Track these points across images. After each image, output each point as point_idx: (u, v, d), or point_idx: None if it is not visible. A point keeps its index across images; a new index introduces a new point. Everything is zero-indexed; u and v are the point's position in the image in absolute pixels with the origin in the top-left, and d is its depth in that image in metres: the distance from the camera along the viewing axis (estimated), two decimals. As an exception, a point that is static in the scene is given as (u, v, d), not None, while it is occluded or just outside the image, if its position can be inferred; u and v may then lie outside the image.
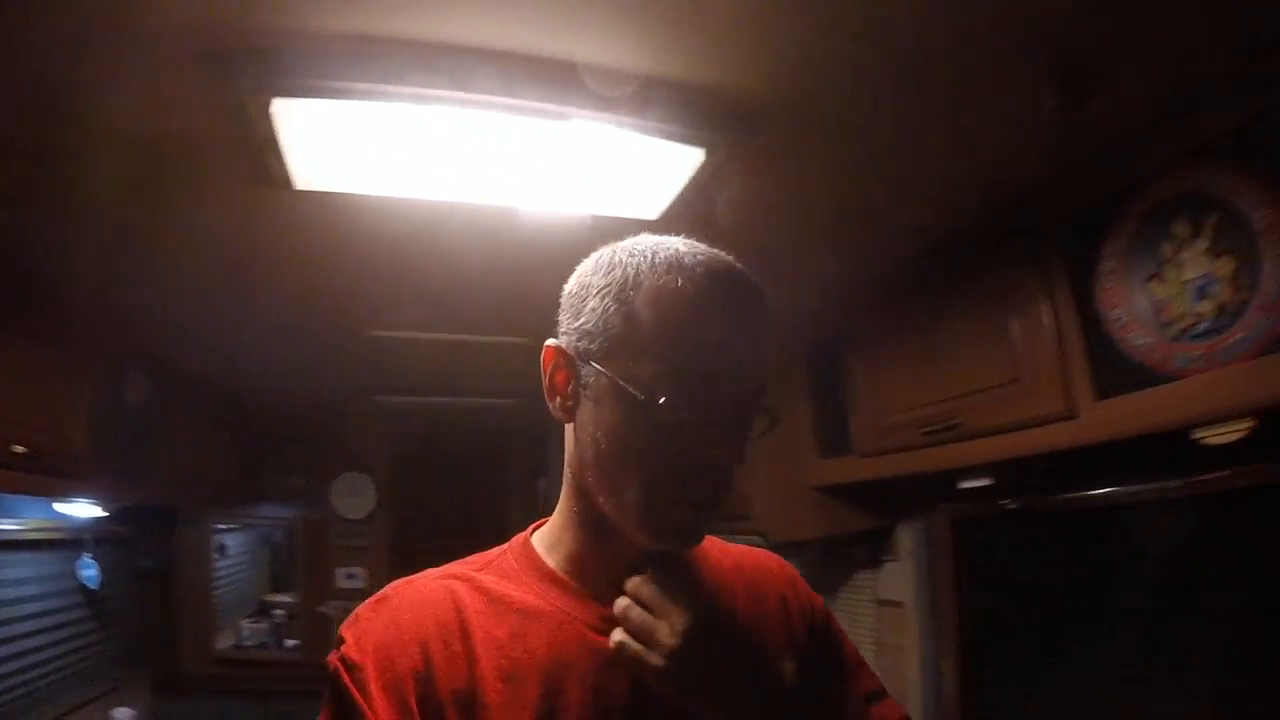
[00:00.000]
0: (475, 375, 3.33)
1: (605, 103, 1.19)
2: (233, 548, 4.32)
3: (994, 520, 2.24)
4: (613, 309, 0.76)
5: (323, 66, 1.11)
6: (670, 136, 1.29)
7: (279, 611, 4.28)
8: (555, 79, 1.16)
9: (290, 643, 4.17)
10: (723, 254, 0.80)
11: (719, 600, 0.84)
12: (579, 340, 0.78)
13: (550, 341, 0.82)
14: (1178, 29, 1.19)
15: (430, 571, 0.85)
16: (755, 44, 1.16)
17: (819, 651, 0.93)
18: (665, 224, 1.44)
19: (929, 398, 1.96)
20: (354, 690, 0.72)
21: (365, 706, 0.71)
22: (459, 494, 5.48)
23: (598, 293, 0.78)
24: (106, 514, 2.94)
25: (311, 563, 4.20)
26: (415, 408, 3.99)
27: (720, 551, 0.97)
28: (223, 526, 4.13)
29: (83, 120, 1.27)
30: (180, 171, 1.45)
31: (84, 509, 2.79)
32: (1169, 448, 1.55)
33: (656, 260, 0.77)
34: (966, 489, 2.10)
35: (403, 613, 0.77)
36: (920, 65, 1.24)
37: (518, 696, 0.74)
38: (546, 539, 0.89)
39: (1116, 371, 1.55)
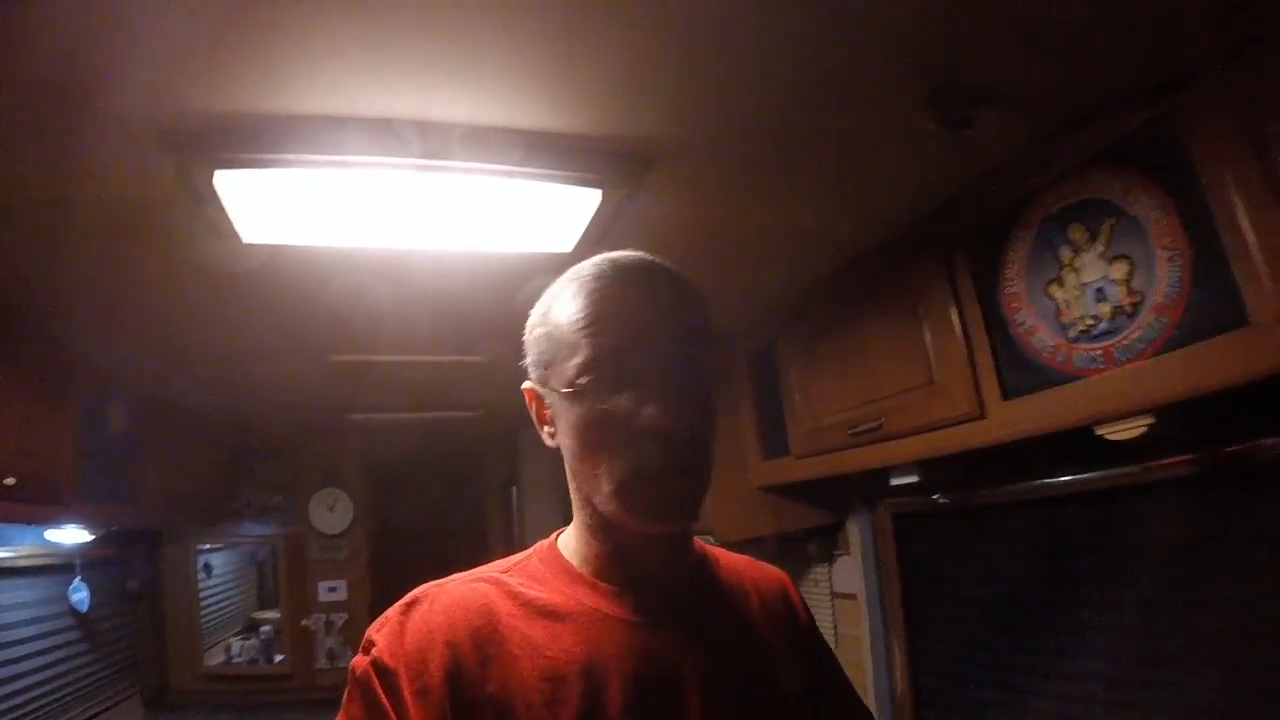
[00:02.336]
0: (436, 391, 3.45)
1: (503, 157, 1.32)
2: (218, 567, 4.39)
3: (931, 514, 2.34)
4: (540, 333, 0.84)
5: (255, 142, 1.23)
6: (566, 181, 1.42)
7: (267, 628, 4.34)
8: (457, 140, 1.28)
9: (279, 658, 4.24)
10: (633, 251, 0.85)
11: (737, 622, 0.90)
12: (535, 373, 0.86)
13: (524, 385, 0.90)
14: (1072, 44, 1.28)
15: (458, 575, 0.85)
16: (642, 96, 1.28)
17: (815, 659, 0.98)
18: (579, 255, 1.51)
19: (854, 401, 2.07)
20: (384, 696, 0.73)
21: (394, 713, 0.72)
22: (433, 504, 5.57)
23: (533, 327, 0.86)
24: (93, 538, 3.01)
25: (293, 578, 4.28)
26: (385, 424, 4.10)
27: (727, 560, 0.99)
28: (207, 547, 4.21)
29: (49, 184, 1.38)
30: (144, 226, 1.56)
31: (73, 534, 2.87)
32: (1099, 443, 1.63)
33: (565, 277, 0.85)
34: (906, 484, 2.18)
35: (434, 615, 0.78)
36: (812, 97, 1.34)
37: (560, 696, 0.74)
38: (570, 543, 0.90)
39: (1022, 372, 1.65)
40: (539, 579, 0.85)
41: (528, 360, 0.88)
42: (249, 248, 1.57)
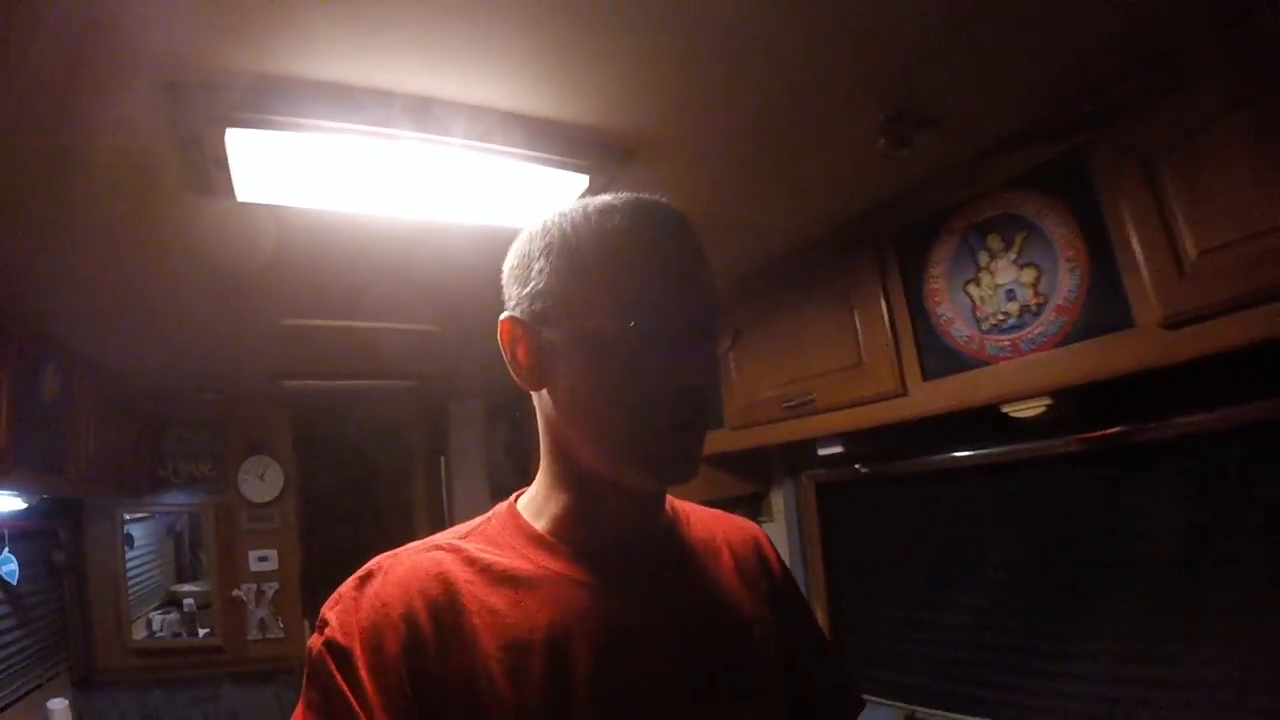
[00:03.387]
0: (379, 359, 3.51)
1: (502, 138, 1.47)
2: (138, 539, 4.25)
3: (852, 483, 2.58)
4: (561, 264, 0.78)
5: (270, 104, 1.33)
6: (559, 166, 1.58)
7: (189, 601, 4.28)
8: (460, 119, 1.42)
9: (203, 631, 4.19)
10: (647, 195, 0.83)
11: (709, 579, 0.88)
12: (532, 305, 0.79)
13: (503, 316, 0.82)
14: (1002, 87, 1.55)
15: (413, 544, 0.82)
16: (632, 93, 1.46)
17: (788, 614, 0.95)
18: None
19: (788, 378, 2.30)
20: (339, 677, 0.70)
21: (351, 694, 0.69)
22: (364, 473, 5.56)
23: (540, 255, 0.79)
24: (25, 507, 2.95)
25: (223, 547, 4.24)
26: (320, 391, 4.09)
27: (699, 517, 0.97)
28: (130, 517, 4.10)
29: (41, 131, 1.40)
30: (122, 181, 1.61)
31: (4, 502, 2.80)
32: (1005, 422, 1.90)
33: (589, 210, 0.80)
34: (830, 455, 2.40)
35: (389, 588, 0.75)
36: (777, 105, 1.55)
37: (523, 665, 0.72)
38: (532, 504, 0.87)
39: (940, 358, 1.89)
40: (498, 544, 0.82)
41: (518, 290, 0.82)
42: (241, 206, 1.65)
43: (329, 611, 0.75)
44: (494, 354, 0.84)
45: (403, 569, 0.77)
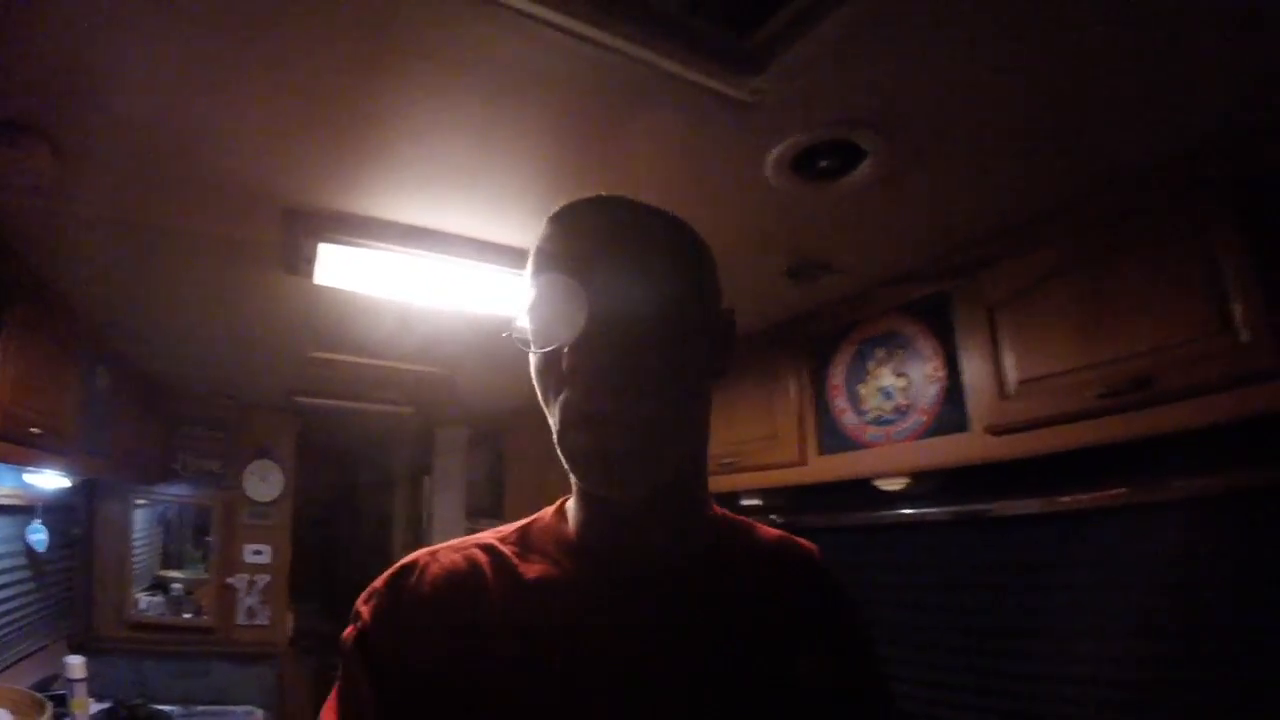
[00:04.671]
0: (384, 389, 4.13)
1: (514, 263, 2.12)
2: (136, 524, 4.58)
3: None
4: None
5: (351, 229, 1.96)
6: None
7: (177, 586, 4.65)
8: (467, 246, 2.08)
9: (187, 615, 4.57)
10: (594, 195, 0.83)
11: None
12: None
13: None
14: (885, 243, 2.17)
15: (454, 541, 0.84)
16: None
17: (836, 655, 0.87)
18: None
19: (721, 440, 2.90)
20: (366, 670, 0.73)
21: (374, 686, 0.72)
22: (354, 485, 6.03)
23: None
24: (69, 485, 3.41)
25: (224, 538, 4.69)
26: (326, 409, 4.61)
27: (754, 536, 0.95)
28: (140, 502, 4.52)
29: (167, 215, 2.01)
30: (238, 261, 2.24)
31: (49, 479, 3.20)
32: (880, 493, 2.50)
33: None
34: (752, 506, 2.99)
35: (421, 585, 0.77)
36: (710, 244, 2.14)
37: (541, 671, 0.72)
38: (570, 506, 0.86)
39: (833, 438, 2.51)
40: (535, 547, 0.83)
41: None
42: (315, 286, 2.24)
43: (362, 605, 0.78)
44: (479, 389, 1.32)
45: (436, 567, 0.79)
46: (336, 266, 2.09)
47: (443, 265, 2.11)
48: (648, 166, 1.72)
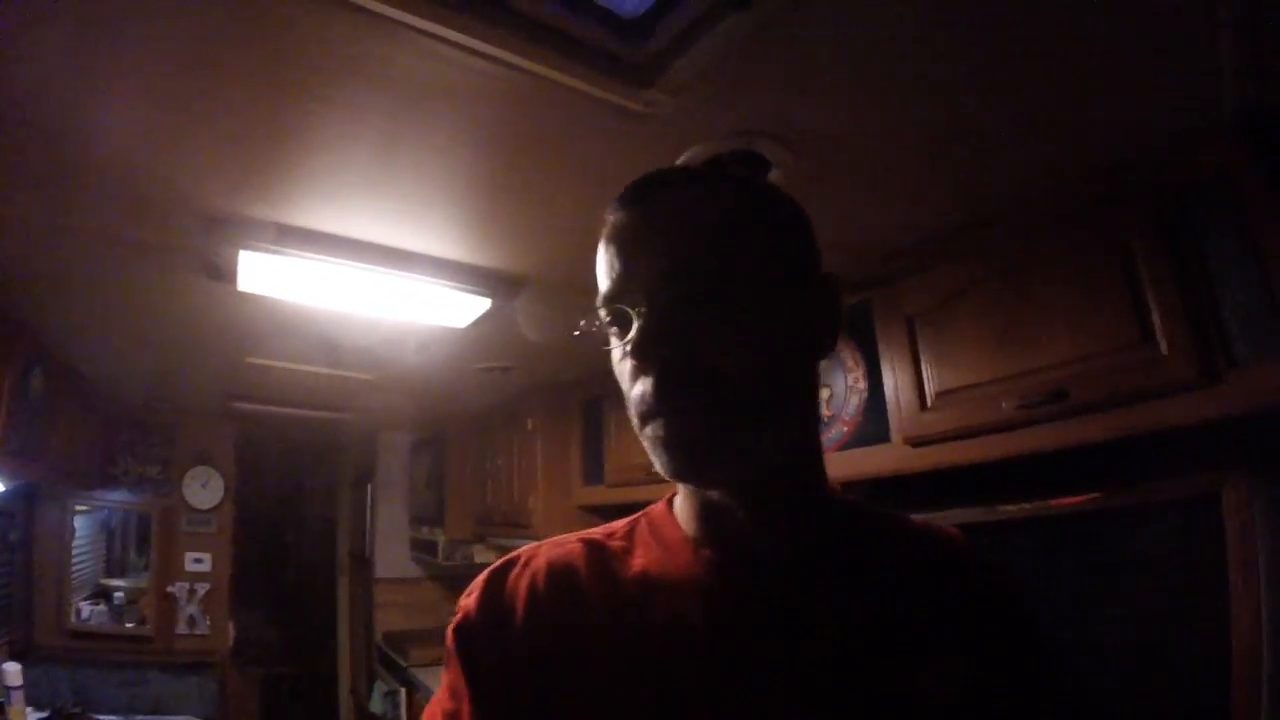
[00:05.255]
0: (321, 394, 4.16)
1: (433, 273, 2.17)
2: (77, 530, 4.54)
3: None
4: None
5: (274, 239, 1.98)
6: (472, 293, 2.29)
7: (119, 595, 4.63)
8: (402, 258, 2.13)
9: (130, 625, 4.53)
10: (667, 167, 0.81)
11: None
12: None
13: None
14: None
15: (562, 536, 0.84)
16: (520, 246, 2.16)
17: (995, 659, 0.79)
18: (469, 331, 2.56)
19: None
20: (463, 661, 0.76)
21: (469, 677, 0.75)
22: (295, 492, 6.02)
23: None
24: (4, 490, 3.40)
25: (163, 546, 4.67)
26: (265, 414, 4.62)
27: (894, 530, 0.89)
28: (80, 508, 4.48)
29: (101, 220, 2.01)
30: (151, 263, 2.25)
31: None
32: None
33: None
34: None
35: (521, 580, 0.78)
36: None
37: (635, 665, 0.72)
38: (678, 499, 0.85)
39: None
40: (642, 542, 0.82)
41: None
42: (238, 292, 2.26)
43: (465, 599, 0.80)
44: (414, 394, 1.36)
45: (538, 562, 0.80)
46: (259, 274, 2.12)
47: (361, 273, 2.13)
48: (555, 178, 1.75)
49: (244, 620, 5.02)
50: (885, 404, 2.20)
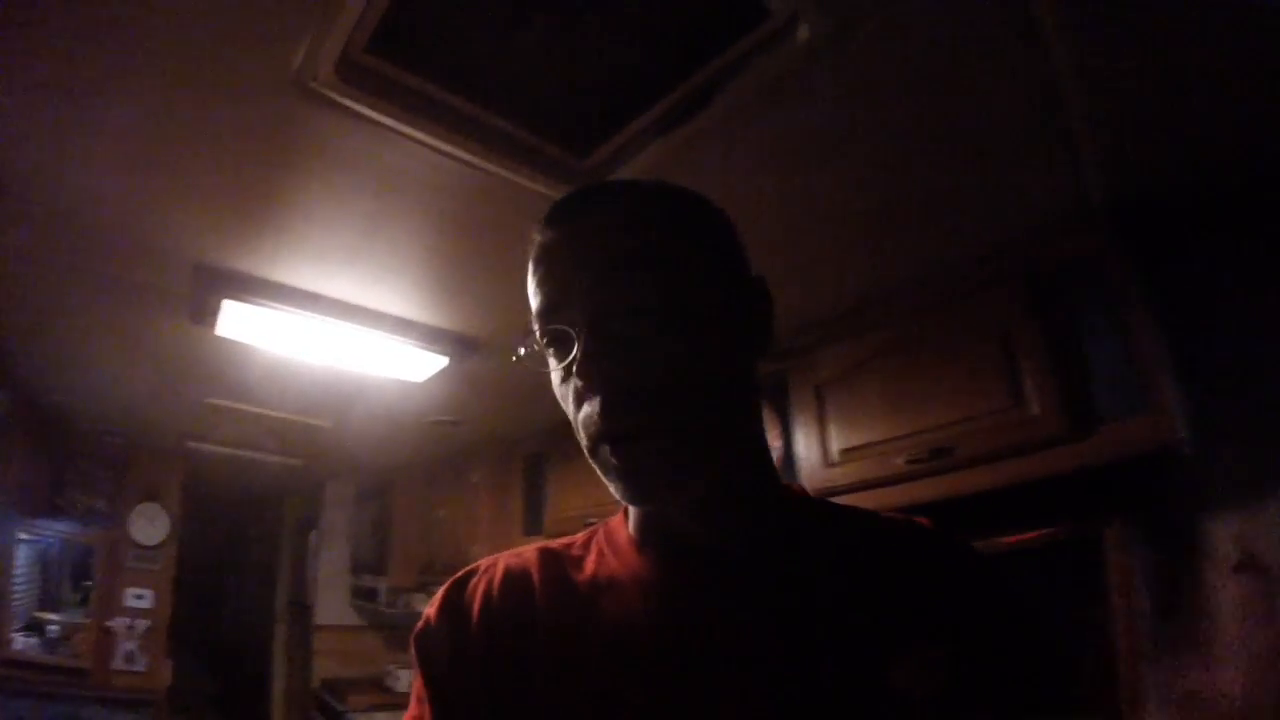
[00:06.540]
0: (275, 438, 4.41)
1: (397, 331, 2.50)
2: (18, 560, 4.47)
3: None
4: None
5: (256, 291, 2.28)
6: (430, 351, 2.62)
7: (54, 628, 4.60)
8: (368, 317, 2.45)
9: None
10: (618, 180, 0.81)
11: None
12: None
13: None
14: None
15: (525, 546, 0.87)
16: (477, 310, 2.50)
17: (966, 650, 0.75)
18: (428, 385, 2.90)
19: (585, 502, 3.30)
20: (424, 666, 0.79)
21: (429, 680, 0.78)
22: (242, 537, 6.09)
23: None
24: None
25: (106, 580, 4.71)
26: (217, 455, 4.80)
27: (859, 523, 0.86)
28: (24, 537, 4.43)
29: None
30: (146, 306, 2.51)
31: None
32: None
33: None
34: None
35: (478, 586, 0.81)
36: None
37: (581, 665, 0.73)
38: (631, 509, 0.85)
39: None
40: (596, 548, 0.84)
41: None
42: (213, 336, 2.54)
43: (428, 608, 0.83)
44: (365, 445, 1.60)
45: (497, 568, 0.82)
46: (238, 321, 2.41)
47: (333, 328, 2.46)
48: (509, 258, 2.00)
49: (180, 666, 5.02)
50: (796, 461, 2.51)
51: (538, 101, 1.61)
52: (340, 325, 2.44)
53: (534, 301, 0.76)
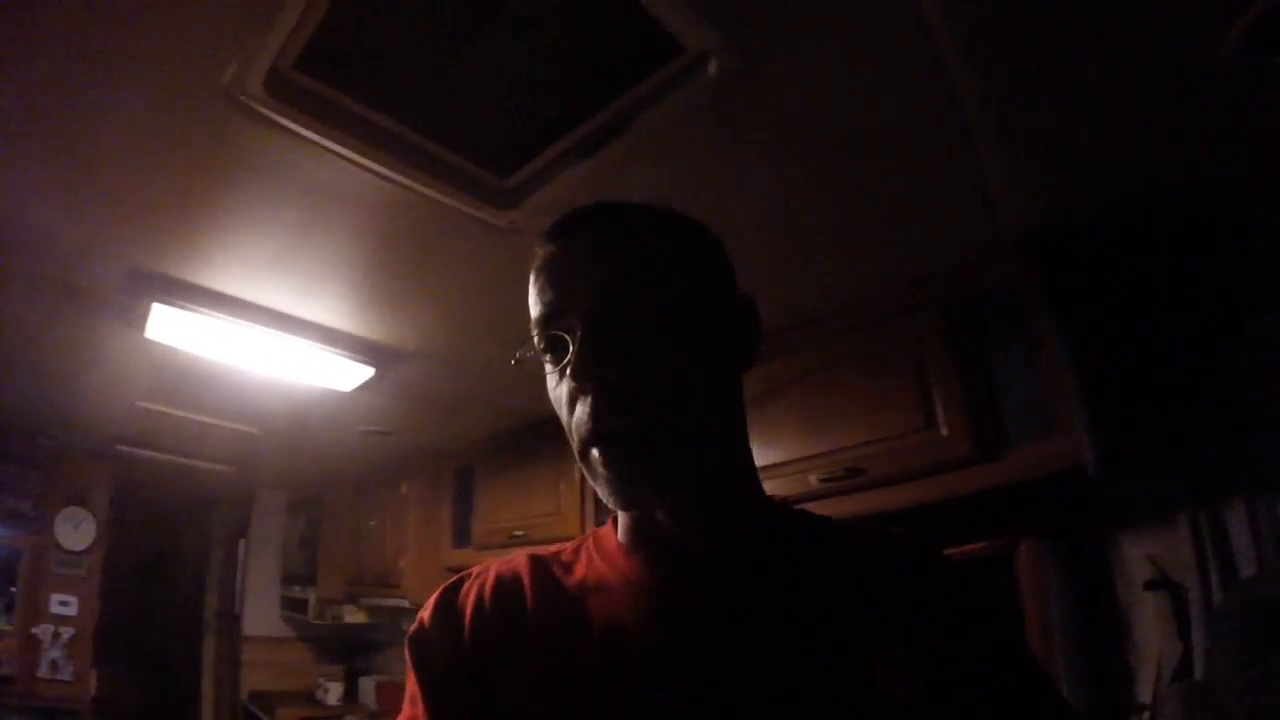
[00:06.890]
0: (206, 445, 4.42)
1: (325, 341, 2.57)
2: None
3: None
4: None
5: (186, 297, 2.33)
6: (357, 360, 2.70)
7: None
8: (298, 326, 2.51)
9: None
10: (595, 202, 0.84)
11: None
12: None
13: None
14: None
15: (516, 553, 0.90)
16: (404, 322, 2.57)
17: (957, 659, 0.76)
18: (358, 395, 2.98)
19: (514, 515, 3.40)
20: (415, 667, 0.82)
21: (419, 681, 0.80)
22: (173, 546, 6.01)
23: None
24: None
25: (30, 585, 4.63)
26: (148, 460, 4.77)
27: (848, 534, 0.88)
28: None
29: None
30: (75, 306, 2.53)
31: None
32: None
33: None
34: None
35: (470, 590, 0.84)
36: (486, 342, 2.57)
37: (570, 667, 0.75)
38: (620, 515, 0.88)
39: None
40: (585, 554, 0.87)
41: None
42: (148, 340, 2.57)
43: (422, 612, 0.85)
44: (297, 452, 1.63)
45: (489, 574, 0.86)
46: (167, 325, 2.46)
47: (262, 335, 2.52)
48: (434, 273, 2.21)
49: (106, 676, 4.95)
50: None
51: (463, 123, 1.68)
52: (268, 332, 2.50)
53: (534, 310, 0.80)
